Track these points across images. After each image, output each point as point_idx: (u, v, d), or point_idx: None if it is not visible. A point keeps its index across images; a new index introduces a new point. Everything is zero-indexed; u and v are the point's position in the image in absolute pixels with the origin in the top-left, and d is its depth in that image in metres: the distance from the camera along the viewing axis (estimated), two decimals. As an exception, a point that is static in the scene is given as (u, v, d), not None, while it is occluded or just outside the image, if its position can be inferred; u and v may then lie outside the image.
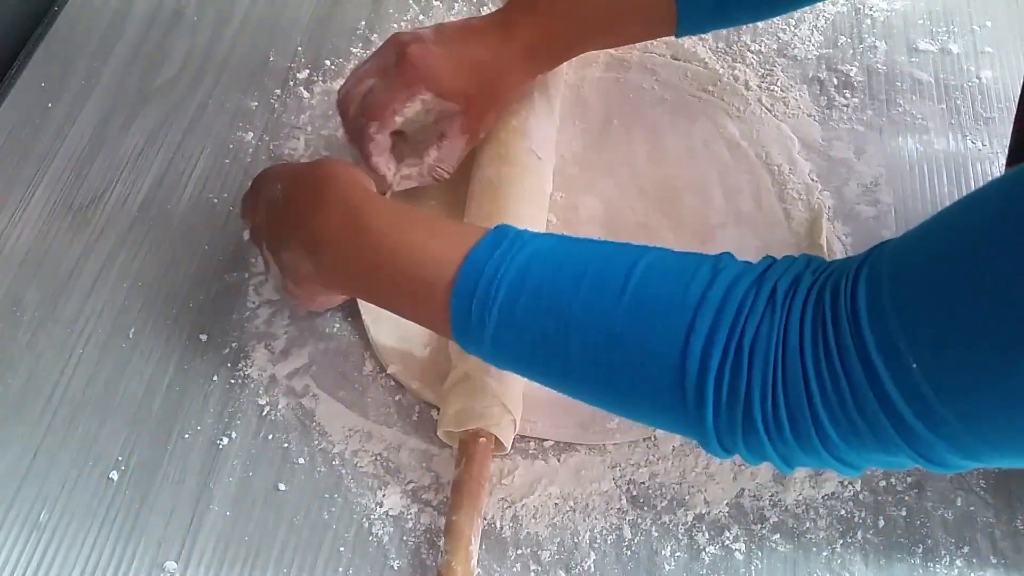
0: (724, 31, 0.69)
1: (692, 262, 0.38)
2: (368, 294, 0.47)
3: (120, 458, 0.50)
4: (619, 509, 0.48)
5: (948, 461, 0.32)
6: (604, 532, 0.48)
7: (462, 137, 0.54)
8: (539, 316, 0.38)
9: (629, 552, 0.47)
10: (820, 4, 0.70)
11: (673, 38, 0.67)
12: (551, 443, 0.51)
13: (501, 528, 0.48)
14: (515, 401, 0.48)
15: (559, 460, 0.50)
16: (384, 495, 0.49)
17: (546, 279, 0.39)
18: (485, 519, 0.47)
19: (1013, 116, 0.54)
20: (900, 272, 0.32)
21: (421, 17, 0.71)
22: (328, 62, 0.68)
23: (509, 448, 0.49)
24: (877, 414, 0.32)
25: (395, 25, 0.70)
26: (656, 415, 0.38)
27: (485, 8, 0.71)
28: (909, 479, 0.49)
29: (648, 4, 0.54)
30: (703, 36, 0.68)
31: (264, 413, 0.52)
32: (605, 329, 0.37)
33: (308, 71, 0.67)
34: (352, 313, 0.55)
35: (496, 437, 0.48)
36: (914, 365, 0.31)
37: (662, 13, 0.54)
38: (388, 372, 0.53)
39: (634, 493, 0.49)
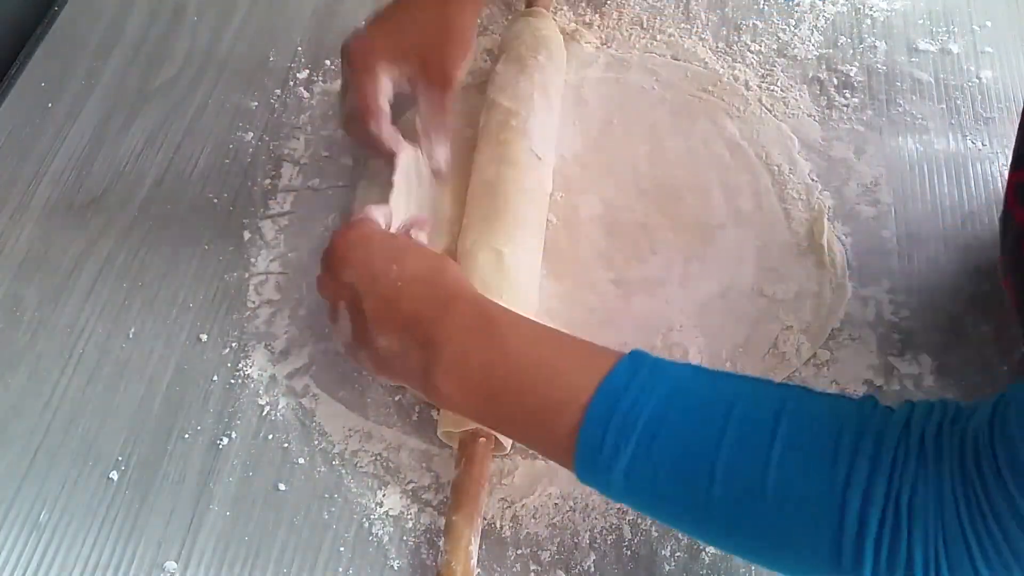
0: (724, 31, 0.69)
1: (839, 407, 0.37)
2: (480, 405, 0.42)
3: (120, 458, 0.50)
4: (619, 509, 0.48)
5: None
6: (604, 532, 0.48)
7: (433, 88, 0.54)
8: (681, 456, 0.37)
9: (629, 552, 0.47)
10: (820, 4, 0.71)
11: (674, 38, 0.68)
12: (551, 443, 0.51)
13: (501, 528, 0.48)
14: None
15: (559, 460, 0.50)
16: (384, 495, 0.49)
17: (689, 416, 0.37)
18: (485, 519, 0.47)
19: (1012, 116, 0.54)
20: None
21: (421, 17, 0.71)
22: (328, 62, 0.68)
23: (509, 448, 0.49)
24: None
25: (395, 25, 0.70)
26: (805, 570, 0.37)
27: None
28: (909, 479, 0.49)
29: None
30: (703, 36, 0.68)
31: (264, 413, 0.52)
32: (753, 479, 0.36)
33: (308, 71, 0.67)
34: (352, 313, 0.55)
35: (496, 437, 0.48)
36: None
37: None
38: None
39: (634, 493, 0.49)
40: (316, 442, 0.51)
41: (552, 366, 0.40)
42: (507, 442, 0.48)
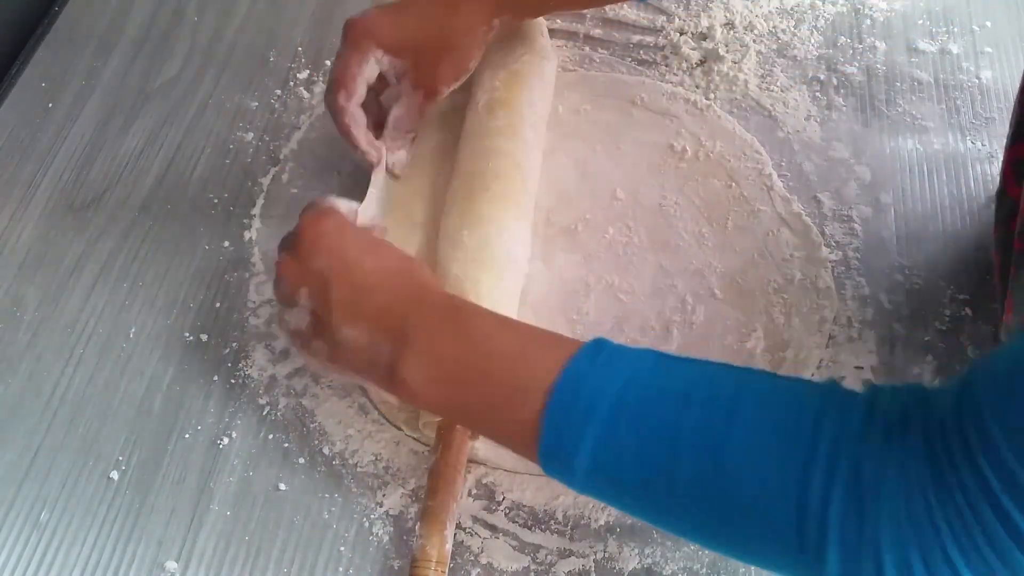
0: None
1: (801, 389, 0.37)
2: (446, 397, 0.42)
3: (120, 458, 0.50)
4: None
5: None
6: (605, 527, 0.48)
7: (416, 92, 0.55)
8: (644, 440, 0.37)
9: (629, 551, 0.47)
10: (820, 4, 0.71)
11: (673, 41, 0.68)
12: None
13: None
14: None
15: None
16: (384, 495, 0.49)
17: (650, 400, 0.37)
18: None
19: (1010, 116, 0.54)
20: (1001, 401, 0.31)
21: (421, 17, 0.71)
22: (328, 62, 0.68)
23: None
24: (1012, 551, 0.31)
25: (395, 25, 0.70)
26: (771, 557, 0.36)
27: (485, 8, 0.71)
28: (908, 479, 0.49)
29: None
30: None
31: (264, 413, 0.52)
32: (716, 463, 0.35)
33: (308, 71, 0.67)
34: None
35: None
36: None
37: None
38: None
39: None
40: (316, 442, 0.51)
41: (517, 354, 0.40)
42: None
